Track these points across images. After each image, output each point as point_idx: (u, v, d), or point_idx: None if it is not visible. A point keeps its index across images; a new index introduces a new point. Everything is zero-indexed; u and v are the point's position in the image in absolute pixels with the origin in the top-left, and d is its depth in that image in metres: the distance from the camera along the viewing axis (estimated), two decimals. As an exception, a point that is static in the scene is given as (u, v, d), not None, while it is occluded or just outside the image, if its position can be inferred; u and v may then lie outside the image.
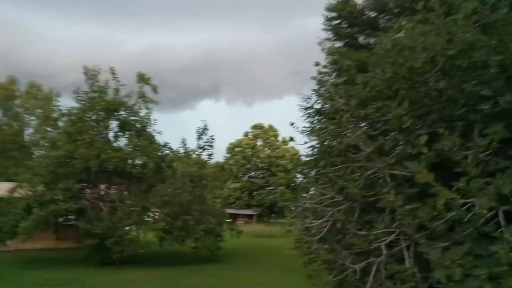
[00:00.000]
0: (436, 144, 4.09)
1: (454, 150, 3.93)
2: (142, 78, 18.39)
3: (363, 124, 5.51)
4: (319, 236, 4.74)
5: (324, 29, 18.53)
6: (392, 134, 5.01)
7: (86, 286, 11.49)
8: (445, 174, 4.31)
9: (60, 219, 17.11)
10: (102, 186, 16.92)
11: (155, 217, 16.75)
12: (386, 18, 16.81)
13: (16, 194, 15.73)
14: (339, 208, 4.68)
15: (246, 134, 57.68)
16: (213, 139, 17.81)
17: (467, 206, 3.65)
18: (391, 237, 3.89)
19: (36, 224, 14.16)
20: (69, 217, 17.30)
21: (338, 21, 18.17)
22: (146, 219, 16.51)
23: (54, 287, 11.19)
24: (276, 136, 57.15)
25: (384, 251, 3.86)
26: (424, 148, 4.13)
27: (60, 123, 17.68)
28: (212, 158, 18.27)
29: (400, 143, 4.76)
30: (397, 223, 3.87)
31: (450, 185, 3.72)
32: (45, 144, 19.24)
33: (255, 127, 58.04)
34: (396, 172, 4.22)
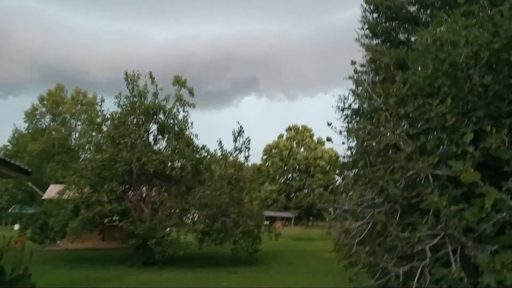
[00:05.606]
0: (482, 143, 3.90)
1: (503, 149, 3.72)
2: (179, 81, 18.78)
3: (403, 123, 5.34)
4: (359, 239, 4.62)
5: (361, 25, 18.09)
6: (434, 132, 4.82)
7: (123, 285, 11.76)
8: (493, 174, 4.08)
9: (106, 220, 17.87)
10: (144, 188, 17.46)
11: (194, 219, 17.06)
12: (428, 12, 16.20)
13: (64, 196, 16.53)
14: (380, 209, 4.55)
15: (281, 136, 57.55)
16: (249, 141, 17.91)
17: (518, 207, 3.44)
18: (436, 240, 3.73)
19: (83, 225, 14.85)
20: (114, 218, 18.01)
21: (375, 15, 17.65)
22: (186, 220, 16.86)
23: (86, 287, 11.47)
24: (311, 136, 56.57)
25: (429, 255, 3.70)
26: (470, 147, 3.94)
27: (104, 127, 18.44)
28: (249, 160, 18.36)
29: (444, 142, 4.57)
30: (442, 225, 3.71)
31: (498, 186, 3.53)
32: (91, 147, 20.11)
33: (289, 129, 57.77)
34: (439, 172, 4.05)
